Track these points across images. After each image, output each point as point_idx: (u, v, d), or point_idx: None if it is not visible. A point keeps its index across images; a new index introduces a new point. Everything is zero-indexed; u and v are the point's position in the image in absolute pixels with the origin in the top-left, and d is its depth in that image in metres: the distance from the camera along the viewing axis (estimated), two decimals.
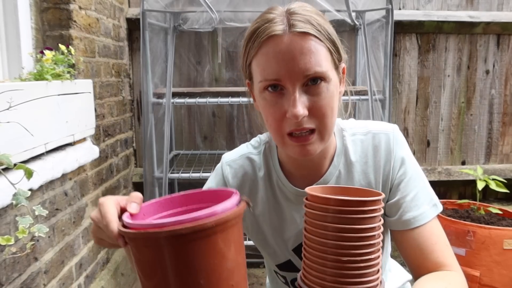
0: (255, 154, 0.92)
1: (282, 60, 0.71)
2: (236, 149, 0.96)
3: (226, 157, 0.95)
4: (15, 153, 1.10)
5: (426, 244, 0.81)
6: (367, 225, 0.51)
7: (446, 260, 0.81)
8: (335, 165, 0.85)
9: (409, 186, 0.84)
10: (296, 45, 0.70)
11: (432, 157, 2.64)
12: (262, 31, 0.73)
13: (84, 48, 1.68)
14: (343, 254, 0.50)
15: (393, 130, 0.87)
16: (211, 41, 2.42)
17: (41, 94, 1.25)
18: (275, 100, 0.74)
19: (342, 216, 0.50)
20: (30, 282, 1.22)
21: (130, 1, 2.35)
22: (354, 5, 2.06)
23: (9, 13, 1.39)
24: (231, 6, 2.02)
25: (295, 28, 0.71)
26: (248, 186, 0.91)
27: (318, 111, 0.73)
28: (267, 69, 0.73)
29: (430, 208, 0.83)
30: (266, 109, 0.77)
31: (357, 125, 0.90)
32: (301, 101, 0.71)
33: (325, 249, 0.51)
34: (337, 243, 0.50)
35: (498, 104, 2.62)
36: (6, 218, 1.09)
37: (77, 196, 1.58)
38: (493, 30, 2.52)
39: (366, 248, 0.51)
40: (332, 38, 0.74)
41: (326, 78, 0.72)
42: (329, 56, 0.74)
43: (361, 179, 0.85)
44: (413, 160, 0.87)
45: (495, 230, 1.82)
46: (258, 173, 0.91)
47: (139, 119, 2.44)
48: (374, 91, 1.99)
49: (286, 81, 0.71)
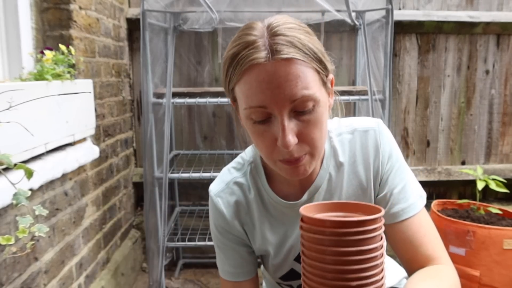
0: (241, 177, 0.90)
1: (266, 88, 0.67)
2: (219, 177, 0.93)
3: (213, 189, 0.91)
4: (15, 153, 1.11)
5: (415, 237, 0.81)
6: (368, 246, 0.49)
7: (436, 253, 0.81)
8: (325, 168, 0.85)
9: (396, 179, 0.84)
10: (280, 72, 0.67)
11: (432, 157, 2.64)
12: (243, 58, 0.69)
13: (84, 48, 1.69)
14: (343, 279, 0.48)
15: (377, 125, 0.86)
16: (211, 41, 2.42)
17: (41, 94, 1.25)
18: (263, 129, 0.72)
19: (340, 239, 0.47)
20: (30, 282, 1.22)
21: (130, 1, 2.35)
22: (354, 5, 2.06)
23: (9, 13, 1.39)
24: (231, 6, 2.02)
25: (279, 54, 0.67)
26: (243, 211, 0.90)
27: (308, 136, 0.71)
28: (251, 97, 0.69)
29: (418, 200, 0.83)
30: (254, 138, 0.75)
31: (341, 124, 0.89)
32: (290, 128, 0.69)
33: (324, 274, 0.49)
34: (336, 268, 0.48)
35: (498, 104, 2.62)
36: (6, 218, 1.10)
37: (77, 196, 1.58)
38: (493, 30, 2.52)
39: (368, 271, 0.49)
40: (318, 56, 0.71)
41: (314, 100, 0.70)
42: (316, 76, 0.71)
43: (351, 178, 0.85)
44: (399, 152, 0.87)
45: (495, 230, 1.82)
46: (248, 196, 0.89)
47: (139, 119, 2.44)
48: (374, 91, 1.99)
49: (273, 108, 0.68)
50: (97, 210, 1.81)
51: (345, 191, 0.85)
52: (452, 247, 1.90)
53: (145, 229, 2.04)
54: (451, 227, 1.90)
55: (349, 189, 0.85)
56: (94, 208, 1.77)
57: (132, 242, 2.28)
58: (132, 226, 2.39)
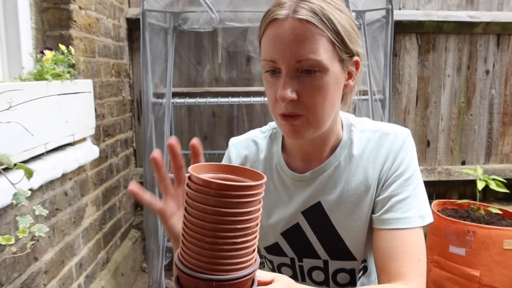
0: (261, 138, 0.95)
1: (279, 43, 0.73)
2: (246, 133, 0.99)
3: (233, 139, 0.98)
4: (15, 153, 1.11)
5: (396, 250, 0.78)
6: (247, 208, 0.52)
7: (409, 273, 0.76)
8: (336, 156, 0.86)
9: (401, 188, 0.82)
10: (293, 31, 0.72)
11: (432, 157, 2.64)
12: (269, 13, 0.76)
13: (84, 48, 1.68)
14: (220, 237, 0.52)
15: (402, 133, 0.86)
16: (211, 41, 2.42)
17: (41, 94, 1.25)
18: (272, 82, 0.77)
19: (222, 199, 0.51)
20: (30, 282, 1.22)
21: (130, 1, 2.35)
22: (354, 5, 2.06)
23: (9, 13, 1.39)
24: (231, 6, 2.02)
25: (296, 14, 0.72)
26: (249, 166, 0.91)
27: (308, 98, 0.74)
28: (267, 49, 0.76)
29: (416, 217, 0.80)
30: (266, 90, 0.80)
31: (369, 123, 0.90)
32: (290, 84, 0.73)
33: (203, 231, 0.52)
34: (215, 226, 0.52)
35: (498, 104, 2.62)
36: (6, 218, 1.09)
37: (77, 196, 1.58)
38: (493, 30, 2.52)
39: (244, 230, 0.53)
40: (337, 30, 0.74)
41: (321, 67, 0.73)
42: (330, 47, 0.74)
43: (359, 173, 0.85)
44: (415, 166, 0.84)
45: (495, 230, 1.82)
46: (259, 155, 0.93)
47: (139, 119, 2.44)
48: (374, 91, 2.00)
49: (281, 64, 0.74)
50: (97, 210, 1.81)
51: (349, 183, 0.85)
52: (452, 247, 1.90)
53: (145, 229, 2.04)
54: (451, 227, 1.90)
55: (353, 183, 0.85)
56: (94, 208, 1.77)
57: (132, 242, 2.28)
58: (132, 226, 2.39)
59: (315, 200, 0.87)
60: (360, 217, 0.85)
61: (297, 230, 0.90)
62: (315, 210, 0.87)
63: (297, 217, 0.89)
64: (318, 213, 0.87)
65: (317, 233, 0.88)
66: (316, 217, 0.87)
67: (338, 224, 0.87)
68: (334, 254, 0.89)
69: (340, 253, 0.89)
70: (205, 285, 0.53)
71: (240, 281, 0.54)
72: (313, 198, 0.87)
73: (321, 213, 0.87)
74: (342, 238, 0.87)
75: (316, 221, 0.88)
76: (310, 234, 0.89)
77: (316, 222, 0.88)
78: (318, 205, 0.87)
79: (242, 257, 0.54)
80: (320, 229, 0.88)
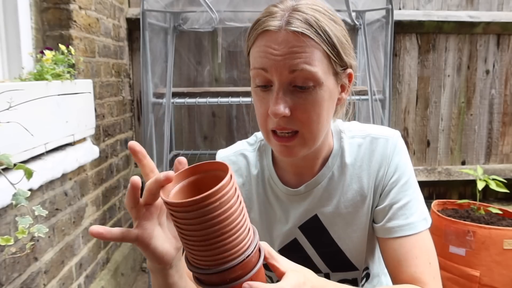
0: (250, 151, 0.91)
1: (271, 54, 0.69)
2: (232, 146, 0.95)
3: (221, 153, 0.94)
4: (15, 153, 1.10)
5: (405, 257, 0.76)
6: (223, 207, 0.54)
7: (423, 277, 0.75)
8: (328, 166, 0.84)
9: (400, 194, 0.80)
10: (287, 44, 0.69)
11: (432, 157, 2.64)
12: (260, 24, 0.72)
13: (84, 48, 1.68)
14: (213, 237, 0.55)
15: (393, 136, 0.84)
16: (211, 41, 2.42)
17: (41, 94, 1.25)
18: (262, 96, 0.73)
19: (198, 211, 0.52)
20: (30, 282, 1.22)
21: (130, 1, 2.35)
22: (354, 5, 2.06)
23: (9, 13, 1.39)
24: (231, 6, 2.02)
25: (290, 26, 0.69)
26: (242, 182, 0.90)
27: (302, 114, 0.71)
28: (257, 58, 0.72)
29: (419, 221, 0.78)
30: (255, 103, 0.76)
31: (358, 128, 0.88)
32: (283, 99, 0.70)
33: (196, 238, 0.55)
34: (204, 231, 0.54)
35: (498, 104, 2.62)
36: (6, 218, 1.09)
37: (77, 196, 1.58)
38: (493, 30, 2.52)
39: (232, 222, 0.55)
40: (333, 42, 0.71)
41: (315, 79, 0.70)
42: (324, 59, 0.71)
43: (353, 182, 0.83)
44: (410, 169, 0.83)
45: (495, 230, 1.82)
46: (251, 171, 0.90)
47: (139, 119, 2.44)
48: (374, 91, 1.99)
49: (273, 73, 0.70)
50: (97, 210, 1.81)
51: (345, 194, 0.84)
52: (452, 247, 1.90)
53: None
54: (451, 227, 1.90)
55: (349, 193, 0.84)
56: (94, 208, 1.77)
57: None
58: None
59: (312, 213, 0.85)
60: (359, 227, 0.84)
61: (295, 247, 0.88)
62: (313, 223, 0.85)
63: (294, 233, 0.87)
64: (315, 227, 0.85)
65: (316, 247, 0.87)
66: (314, 231, 0.86)
67: (337, 236, 0.85)
68: (335, 266, 0.88)
69: (341, 264, 0.87)
70: (218, 277, 0.57)
71: (246, 261, 0.57)
72: (309, 212, 0.85)
73: (319, 226, 0.85)
74: (342, 250, 0.86)
75: (314, 234, 0.86)
76: (309, 248, 0.87)
77: (314, 235, 0.86)
78: (315, 218, 0.85)
79: (240, 243, 0.56)
80: (319, 243, 0.86)
